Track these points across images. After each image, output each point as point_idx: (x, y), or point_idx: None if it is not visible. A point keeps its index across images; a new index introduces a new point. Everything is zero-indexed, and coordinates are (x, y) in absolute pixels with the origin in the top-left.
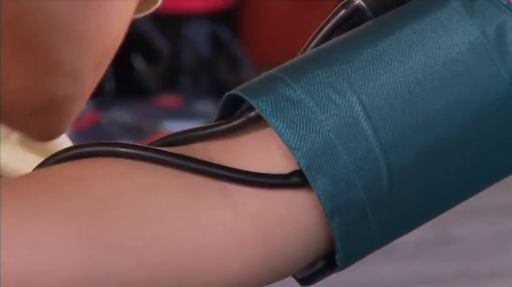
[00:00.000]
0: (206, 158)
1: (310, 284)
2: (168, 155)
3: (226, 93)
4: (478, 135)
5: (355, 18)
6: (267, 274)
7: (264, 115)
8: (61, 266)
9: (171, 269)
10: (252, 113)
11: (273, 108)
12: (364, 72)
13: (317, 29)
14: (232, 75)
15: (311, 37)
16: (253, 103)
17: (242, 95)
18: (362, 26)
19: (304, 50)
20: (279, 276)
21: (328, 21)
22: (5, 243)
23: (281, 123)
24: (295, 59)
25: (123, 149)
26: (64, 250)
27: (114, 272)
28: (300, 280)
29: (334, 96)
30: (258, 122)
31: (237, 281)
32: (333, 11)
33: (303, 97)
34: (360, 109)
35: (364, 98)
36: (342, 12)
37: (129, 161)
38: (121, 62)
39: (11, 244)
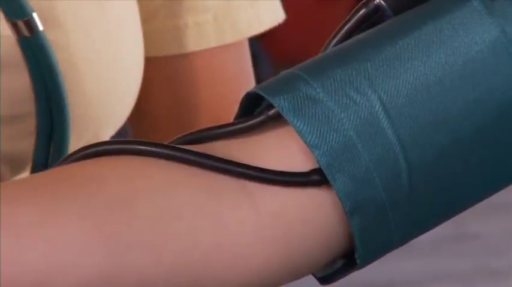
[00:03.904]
0: (225, 157)
1: (329, 282)
2: (187, 153)
3: (246, 92)
4: (498, 134)
5: (375, 17)
6: (287, 273)
7: (283, 114)
8: (79, 263)
9: (190, 268)
10: (272, 112)
11: (293, 107)
12: (384, 70)
13: (337, 28)
14: None
15: (331, 36)
16: (273, 101)
17: (262, 93)
18: (382, 25)
19: (325, 49)
20: (299, 274)
21: (348, 20)
22: (23, 240)
23: (300, 122)
24: (315, 57)
25: (142, 147)
26: (82, 247)
27: (132, 270)
28: (319, 279)
29: (353, 95)
30: (277, 120)
31: (257, 279)
32: (353, 9)
33: (323, 96)
34: (379, 108)
35: (383, 96)
36: (362, 11)
37: (148, 159)
38: None
39: (29, 241)
